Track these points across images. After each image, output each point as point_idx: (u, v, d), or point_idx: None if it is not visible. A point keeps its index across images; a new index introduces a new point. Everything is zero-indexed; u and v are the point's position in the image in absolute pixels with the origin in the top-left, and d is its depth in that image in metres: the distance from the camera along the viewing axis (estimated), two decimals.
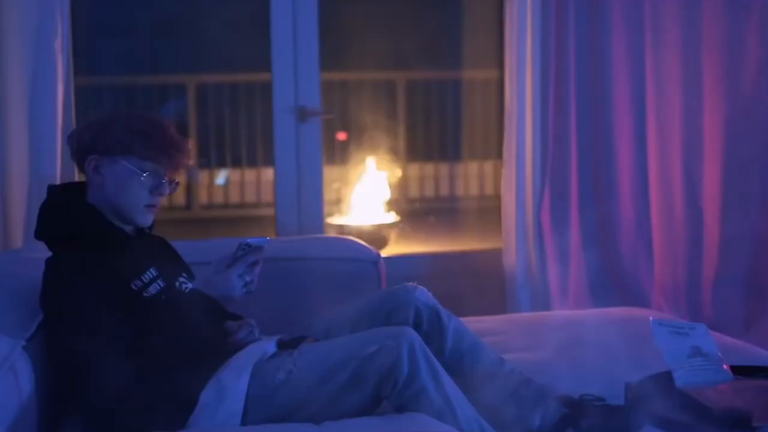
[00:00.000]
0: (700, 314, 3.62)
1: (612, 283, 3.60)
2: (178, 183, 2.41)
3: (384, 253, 3.69)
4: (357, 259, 3.05)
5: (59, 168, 3.18)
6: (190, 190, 5.11)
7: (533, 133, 3.51)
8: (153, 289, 2.30)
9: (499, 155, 3.64)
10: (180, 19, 4.76)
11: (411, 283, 2.49)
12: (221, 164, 5.20)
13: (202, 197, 5.23)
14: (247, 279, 2.40)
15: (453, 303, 2.61)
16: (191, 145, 2.43)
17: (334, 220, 4.00)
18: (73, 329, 2.17)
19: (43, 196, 2.38)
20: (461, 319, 2.49)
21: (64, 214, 2.34)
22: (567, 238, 3.56)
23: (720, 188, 3.66)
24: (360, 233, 3.68)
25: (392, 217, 4.06)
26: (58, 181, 3.16)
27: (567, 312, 3.41)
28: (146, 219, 2.38)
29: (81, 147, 2.36)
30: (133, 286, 2.25)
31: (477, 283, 3.58)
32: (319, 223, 3.64)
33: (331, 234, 3.76)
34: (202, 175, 5.18)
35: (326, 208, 3.72)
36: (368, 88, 4.72)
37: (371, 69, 4.61)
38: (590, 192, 3.59)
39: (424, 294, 2.47)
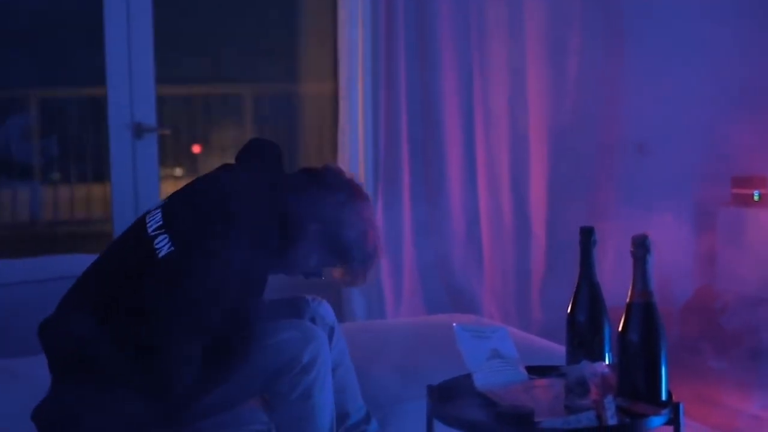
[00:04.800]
0: (530, 318, 3.76)
1: (444, 289, 3.71)
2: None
3: None
4: None
5: None
6: (34, 208, 5.02)
7: (365, 142, 3.61)
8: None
9: None
10: (24, 29, 4.69)
11: (312, 296, 2.53)
12: (66, 180, 5.12)
13: (47, 214, 5.14)
14: None
15: None
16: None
17: None
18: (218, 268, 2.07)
19: None
20: None
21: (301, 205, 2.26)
22: (400, 245, 3.65)
23: (545, 195, 3.81)
24: None
25: None
26: None
27: (397, 321, 3.50)
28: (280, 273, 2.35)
29: (317, 198, 2.28)
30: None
31: (313, 292, 3.63)
32: None
33: None
34: (47, 191, 5.10)
35: None
36: (217, 102, 4.74)
37: (217, 82, 4.62)
38: (422, 199, 3.70)
39: (324, 308, 2.51)
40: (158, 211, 2.21)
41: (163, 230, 2.15)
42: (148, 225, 2.18)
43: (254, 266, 2.13)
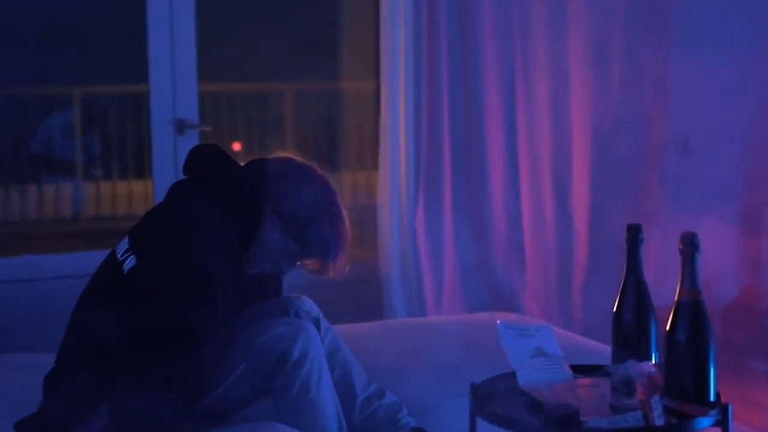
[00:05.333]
0: (571, 317, 3.73)
1: (485, 288, 3.69)
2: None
3: None
4: None
5: None
6: (76, 204, 5.06)
7: (407, 141, 3.59)
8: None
9: (375, 165, 3.71)
10: (66, 28, 4.73)
11: (295, 294, 2.54)
12: (108, 176, 5.16)
13: (90, 210, 5.18)
14: None
15: (330, 310, 2.66)
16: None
17: None
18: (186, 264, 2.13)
19: None
20: (337, 326, 2.56)
21: (256, 187, 2.29)
22: (441, 243, 3.64)
23: (588, 194, 3.78)
24: None
25: None
26: None
27: (438, 317, 3.49)
28: (252, 274, 2.35)
29: (264, 185, 2.30)
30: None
31: (354, 290, 3.62)
32: None
33: None
34: (89, 188, 5.13)
35: None
36: (253, 99, 4.75)
37: (259, 79, 4.63)
38: (463, 198, 3.68)
39: (307, 303, 2.52)
40: (125, 238, 2.30)
41: (130, 252, 2.24)
42: (117, 252, 2.27)
43: (209, 269, 2.15)
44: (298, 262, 2.37)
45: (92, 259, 2.73)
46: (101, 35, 4.49)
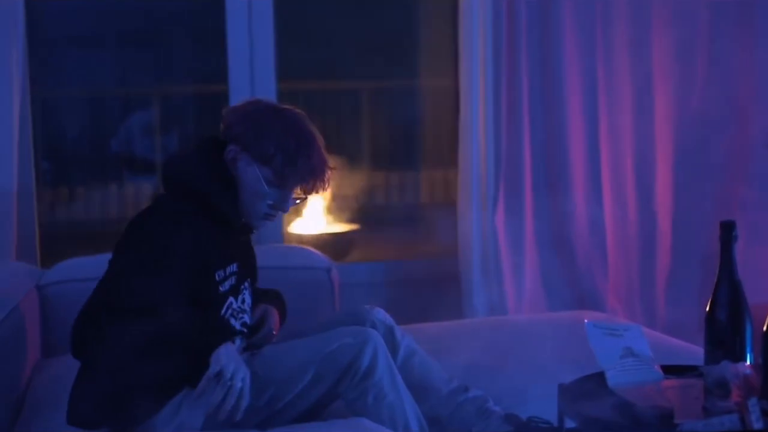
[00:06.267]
0: (654, 315, 3.66)
1: (567, 286, 3.64)
2: (304, 199, 2.42)
3: (343, 260, 3.74)
4: (310, 267, 3.09)
5: (15, 181, 3.21)
6: None
7: (486, 139, 3.55)
8: (227, 284, 2.33)
9: (454, 163, 3.68)
10: (147, 30, 4.79)
11: (368, 306, 2.53)
12: None
13: None
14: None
15: (409, 309, 2.66)
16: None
17: (294, 228, 4.02)
18: (133, 267, 2.16)
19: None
20: (417, 325, 2.57)
21: (208, 171, 2.33)
22: (521, 241, 3.60)
23: (672, 191, 3.71)
24: (319, 242, 3.71)
25: (353, 225, 4.09)
26: (14, 194, 3.19)
27: (520, 316, 3.45)
28: (259, 224, 2.41)
29: (229, 130, 2.35)
30: (216, 276, 2.28)
31: (433, 289, 3.62)
32: (278, 231, 3.67)
33: (291, 243, 3.78)
34: None
35: (287, 217, 3.75)
36: (330, 97, 4.75)
37: (334, 78, 4.63)
38: (544, 196, 3.63)
39: (380, 313, 2.52)
40: None
41: None
42: None
43: (161, 244, 2.18)
44: (286, 193, 2.35)
45: None
46: (180, 36, 4.54)
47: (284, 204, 2.37)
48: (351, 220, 4.10)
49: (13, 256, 3.21)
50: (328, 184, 2.39)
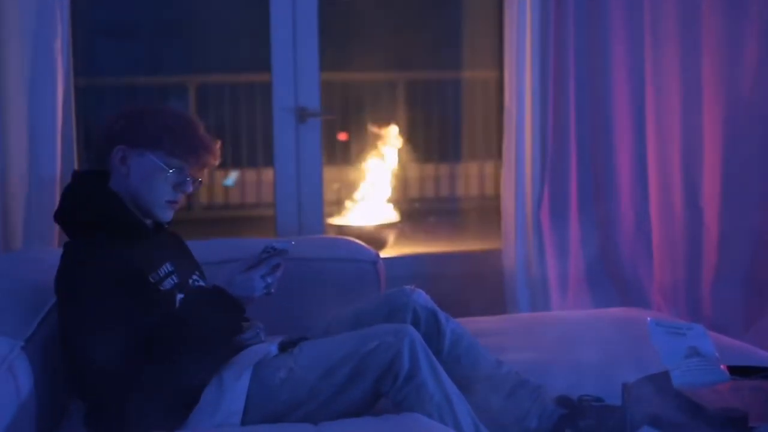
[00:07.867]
0: (700, 314, 3.62)
1: (611, 282, 3.61)
2: (201, 182, 2.41)
3: (384, 253, 3.71)
4: (356, 260, 3.06)
5: (59, 169, 3.19)
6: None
7: (532, 133, 3.52)
8: (168, 284, 2.31)
9: (499, 155, 3.65)
10: (181, 19, 4.78)
11: (409, 286, 2.51)
12: (222, 165, 5.19)
13: (203, 198, 5.23)
14: (269, 281, 2.32)
15: (452, 303, 2.62)
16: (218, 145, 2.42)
17: (335, 220, 4.00)
18: (85, 314, 2.16)
19: (42, 197, 2.37)
20: (460, 319, 2.51)
21: (87, 200, 2.34)
22: (566, 237, 3.56)
23: (719, 188, 3.66)
24: (360, 234, 3.68)
25: (392, 218, 4.06)
26: (57, 182, 3.17)
27: (565, 312, 3.42)
28: (166, 214, 2.39)
29: (110, 136, 2.35)
30: (151, 279, 2.27)
31: (476, 283, 3.58)
32: (319, 223, 3.65)
33: (331, 235, 3.76)
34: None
35: (326, 209, 3.72)
36: (368, 89, 4.73)
37: (371, 70, 4.61)
38: (589, 191, 3.60)
39: (422, 296, 2.48)
40: None
41: None
42: None
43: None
44: (184, 170, 2.34)
45: (207, 249, 2.75)
46: (217, 25, 4.53)
47: (184, 184, 2.35)
48: (395, 213, 4.08)
49: (56, 243, 3.19)
50: (219, 158, 2.40)
